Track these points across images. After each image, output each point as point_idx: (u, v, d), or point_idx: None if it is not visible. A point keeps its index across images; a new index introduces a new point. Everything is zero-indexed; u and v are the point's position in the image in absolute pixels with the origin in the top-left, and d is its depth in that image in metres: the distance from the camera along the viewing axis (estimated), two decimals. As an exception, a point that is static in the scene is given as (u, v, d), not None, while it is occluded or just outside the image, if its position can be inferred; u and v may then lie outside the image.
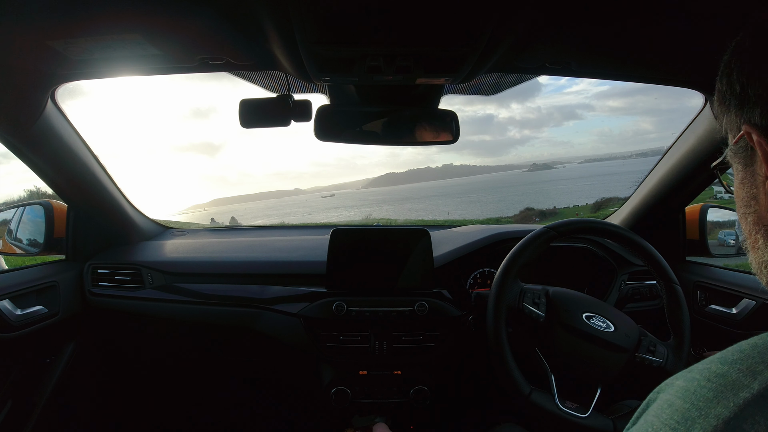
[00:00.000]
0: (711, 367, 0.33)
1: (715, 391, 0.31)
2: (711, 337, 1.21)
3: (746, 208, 0.40)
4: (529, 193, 65.02)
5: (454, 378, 1.45)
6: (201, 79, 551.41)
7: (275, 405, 1.67)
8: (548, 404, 0.88)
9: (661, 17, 0.70)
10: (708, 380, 0.32)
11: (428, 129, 1.10)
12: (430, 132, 1.10)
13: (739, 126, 0.39)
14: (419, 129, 1.10)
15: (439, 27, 0.71)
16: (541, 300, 0.98)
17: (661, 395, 0.36)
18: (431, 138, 1.11)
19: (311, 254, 1.38)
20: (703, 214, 1.33)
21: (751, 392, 0.30)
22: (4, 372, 1.17)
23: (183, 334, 1.44)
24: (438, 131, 1.10)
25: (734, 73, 0.38)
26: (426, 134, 1.10)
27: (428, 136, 1.10)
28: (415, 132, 1.10)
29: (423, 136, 1.10)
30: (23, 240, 1.36)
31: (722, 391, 0.31)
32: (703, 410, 0.31)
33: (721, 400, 0.30)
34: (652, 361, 0.92)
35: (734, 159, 0.41)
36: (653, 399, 0.37)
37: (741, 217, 0.42)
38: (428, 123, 1.10)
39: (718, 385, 0.31)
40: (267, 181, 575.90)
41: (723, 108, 0.41)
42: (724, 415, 0.30)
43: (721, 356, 0.34)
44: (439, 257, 1.34)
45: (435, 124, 1.10)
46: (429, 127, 1.10)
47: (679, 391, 0.34)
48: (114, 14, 0.68)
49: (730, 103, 0.39)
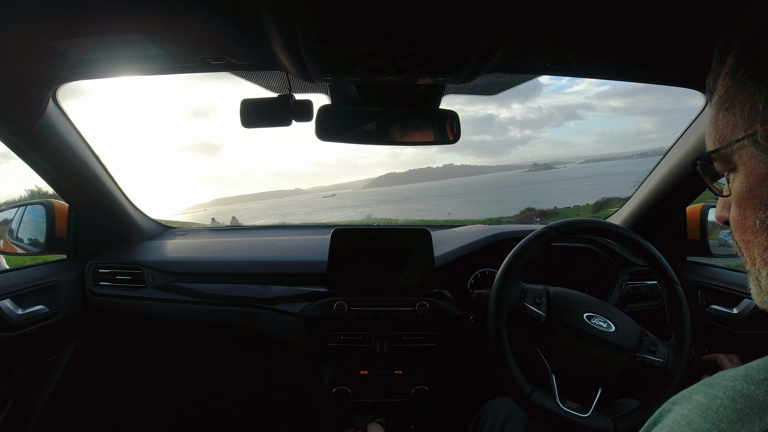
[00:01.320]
0: (735, 386, 0.31)
1: (740, 412, 0.29)
2: (712, 337, 1.21)
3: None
4: (530, 193, 65.00)
5: (455, 378, 1.45)
6: (201, 79, 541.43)
7: (276, 404, 1.68)
8: (549, 404, 0.88)
9: (662, 17, 0.70)
10: (732, 400, 0.30)
11: (429, 129, 1.10)
12: (431, 132, 1.10)
13: None
14: (420, 129, 1.10)
15: (441, 27, 0.71)
16: (541, 300, 0.98)
17: (677, 408, 0.34)
18: (432, 138, 1.11)
19: (312, 254, 1.38)
20: (703, 214, 1.33)
21: None
22: (6, 371, 1.17)
23: (184, 334, 1.44)
24: (439, 131, 1.10)
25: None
26: (427, 134, 1.10)
27: (429, 136, 1.10)
28: (415, 132, 1.10)
29: (424, 136, 1.10)
30: (24, 239, 1.36)
31: (747, 413, 0.29)
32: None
33: (746, 423, 0.29)
34: (653, 361, 0.92)
35: (761, 149, 0.36)
36: (667, 410, 0.35)
37: (760, 224, 0.37)
38: (429, 123, 1.10)
39: (743, 406, 0.29)
40: (268, 181, 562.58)
41: (752, 85, 0.36)
42: None
43: (747, 374, 0.32)
44: (440, 257, 1.34)
45: (436, 124, 1.10)
46: (430, 127, 1.10)
47: (699, 409, 0.32)
48: (115, 14, 0.68)
49: (762, 83, 0.35)
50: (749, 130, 0.36)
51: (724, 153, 0.39)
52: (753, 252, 0.39)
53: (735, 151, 0.38)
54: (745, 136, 0.37)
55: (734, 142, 0.38)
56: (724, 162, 0.40)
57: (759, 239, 0.37)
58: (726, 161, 0.40)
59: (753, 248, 0.38)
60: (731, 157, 0.39)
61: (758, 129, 0.35)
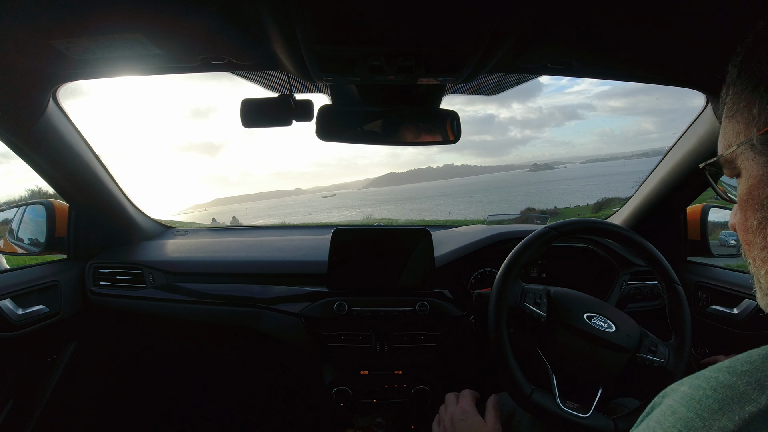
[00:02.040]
0: (718, 377, 0.32)
1: (721, 402, 0.30)
2: (712, 337, 1.21)
3: (767, 210, 0.37)
4: (531, 194, 65.01)
5: (455, 378, 1.45)
6: (200, 79, 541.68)
7: (276, 404, 1.68)
8: (549, 404, 0.88)
9: (662, 17, 0.70)
10: (714, 390, 0.31)
11: (429, 129, 1.10)
12: (432, 132, 1.10)
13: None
14: (420, 129, 1.10)
15: (441, 27, 0.71)
16: (542, 300, 0.98)
17: (665, 400, 0.35)
18: (432, 138, 1.11)
19: (312, 254, 1.38)
20: (704, 214, 1.33)
21: (757, 406, 0.29)
22: (6, 371, 1.17)
23: (184, 334, 1.44)
24: (439, 131, 1.10)
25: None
26: (427, 134, 1.10)
27: (429, 136, 1.10)
28: (416, 132, 1.10)
29: (424, 136, 1.10)
30: (25, 239, 1.36)
31: (728, 403, 0.30)
32: (707, 421, 0.30)
33: (726, 413, 0.30)
34: (654, 361, 0.92)
35: (757, 152, 0.37)
36: (657, 403, 0.36)
37: (758, 224, 0.38)
38: (429, 123, 1.10)
39: (724, 396, 0.31)
40: (268, 180, 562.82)
41: (749, 92, 0.37)
42: (728, 429, 0.29)
43: (730, 366, 0.33)
44: (441, 257, 1.34)
45: (436, 123, 1.10)
46: (430, 127, 1.10)
47: (683, 399, 0.33)
48: (116, 14, 0.68)
49: (765, 84, 0.36)
50: (748, 135, 0.38)
51: (729, 158, 0.41)
52: (753, 252, 0.40)
53: (737, 155, 0.40)
54: (744, 141, 0.38)
55: (735, 148, 0.39)
56: (730, 168, 0.42)
57: (757, 239, 0.39)
58: (731, 167, 0.41)
59: (753, 248, 0.40)
60: (735, 162, 0.40)
61: (754, 133, 0.37)
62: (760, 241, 0.38)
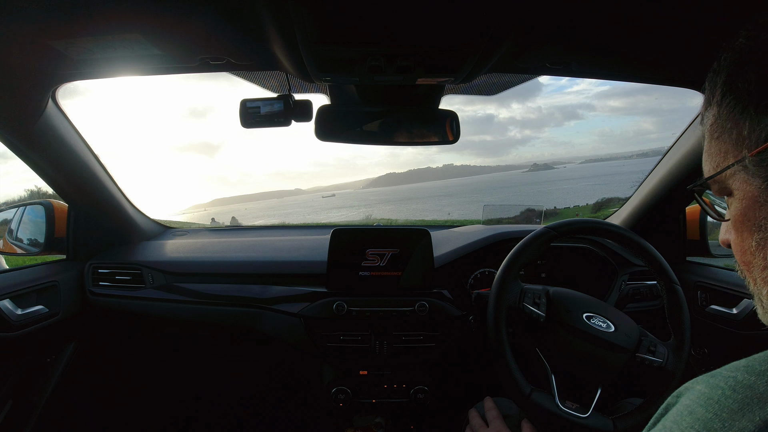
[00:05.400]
0: (737, 376, 0.32)
1: (741, 402, 0.30)
2: (711, 337, 1.21)
3: (765, 231, 0.36)
4: (530, 194, 65.00)
5: (455, 378, 1.45)
6: (198, 79, 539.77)
7: (276, 405, 1.68)
8: (549, 404, 0.88)
9: (661, 17, 0.70)
10: (733, 390, 0.31)
11: (429, 129, 1.10)
12: (431, 132, 1.10)
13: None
14: (420, 129, 1.10)
15: (440, 27, 0.71)
16: (541, 300, 0.98)
17: (681, 400, 0.34)
18: (432, 138, 1.11)
19: (312, 254, 1.38)
20: (703, 214, 1.33)
21: None
22: (5, 372, 1.17)
23: (184, 334, 1.44)
24: (438, 131, 1.10)
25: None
26: (426, 134, 1.10)
27: (429, 136, 1.10)
28: (415, 132, 1.10)
29: (423, 136, 1.10)
30: (24, 240, 1.36)
31: (748, 403, 0.29)
32: (727, 422, 0.29)
33: (746, 413, 0.29)
34: (653, 361, 0.92)
35: (750, 174, 0.36)
36: (672, 403, 0.35)
37: (756, 245, 0.38)
38: (429, 123, 1.10)
39: (744, 396, 0.30)
40: (267, 181, 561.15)
41: (737, 113, 0.36)
42: (749, 429, 0.28)
43: (748, 365, 0.32)
44: (440, 257, 1.34)
45: (435, 124, 1.10)
46: (429, 127, 1.10)
47: (701, 398, 0.32)
48: (115, 14, 0.68)
49: (754, 104, 0.35)
50: (738, 156, 0.37)
51: (719, 179, 0.40)
52: (754, 273, 0.39)
53: (729, 176, 0.39)
54: (735, 162, 0.38)
55: (725, 169, 0.39)
56: (720, 188, 0.41)
57: (757, 260, 0.38)
58: (722, 187, 0.41)
59: (753, 269, 0.39)
60: (726, 182, 0.40)
61: (746, 155, 0.36)
62: (760, 261, 0.38)
